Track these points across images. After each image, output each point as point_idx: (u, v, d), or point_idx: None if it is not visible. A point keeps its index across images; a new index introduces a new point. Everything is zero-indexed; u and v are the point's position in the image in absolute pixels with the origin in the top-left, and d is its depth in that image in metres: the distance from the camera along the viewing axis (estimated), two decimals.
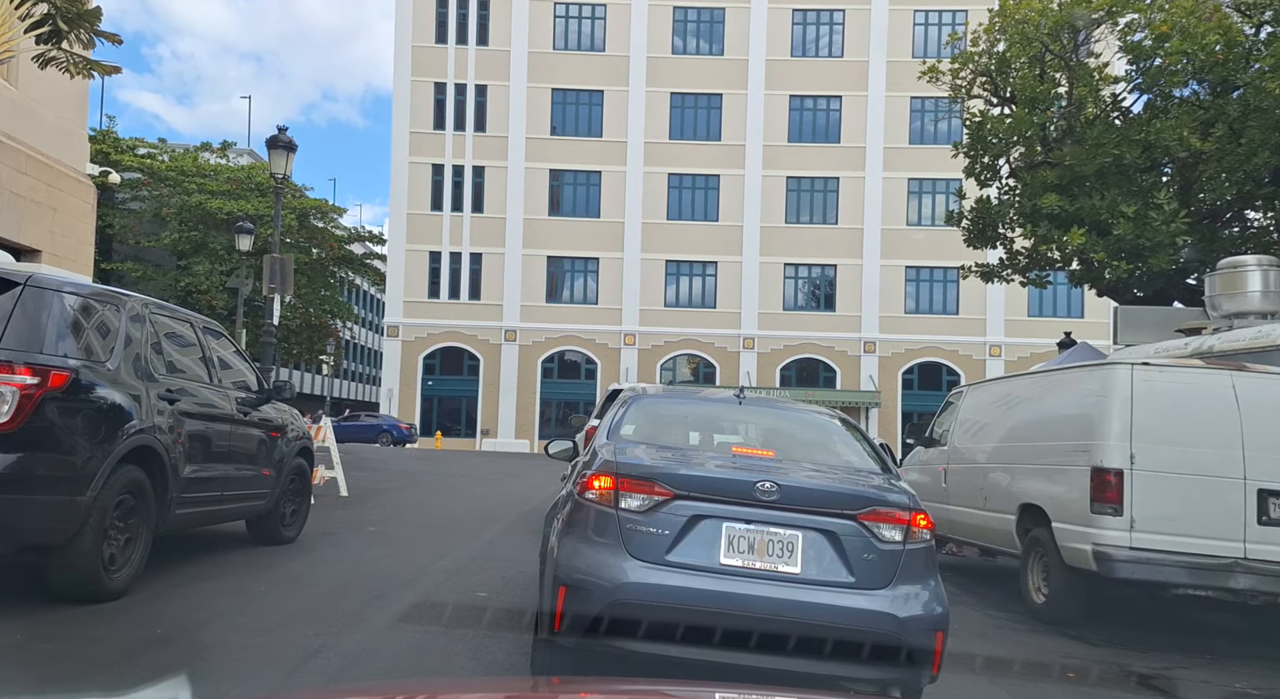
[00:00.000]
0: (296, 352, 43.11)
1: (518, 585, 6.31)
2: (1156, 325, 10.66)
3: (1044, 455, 7.18)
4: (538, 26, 38.69)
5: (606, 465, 3.80)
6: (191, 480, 5.55)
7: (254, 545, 7.04)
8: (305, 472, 7.57)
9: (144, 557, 5.11)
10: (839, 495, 3.82)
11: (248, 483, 6.44)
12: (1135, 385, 6.41)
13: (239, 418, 6.30)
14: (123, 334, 5.05)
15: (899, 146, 38.07)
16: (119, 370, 4.95)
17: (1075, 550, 6.53)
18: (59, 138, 14.09)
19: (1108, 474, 6.33)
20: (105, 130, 39.49)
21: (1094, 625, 6.68)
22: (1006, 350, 37.30)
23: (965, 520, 8.53)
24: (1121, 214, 11.40)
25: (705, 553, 3.60)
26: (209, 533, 6.99)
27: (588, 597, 3.53)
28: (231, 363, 6.65)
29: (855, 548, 3.66)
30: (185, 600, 5.20)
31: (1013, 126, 12.53)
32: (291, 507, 7.35)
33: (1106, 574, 6.29)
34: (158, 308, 5.64)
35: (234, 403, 6.29)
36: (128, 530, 4.94)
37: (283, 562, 6.59)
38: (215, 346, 6.34)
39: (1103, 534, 6.31)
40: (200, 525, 6.16)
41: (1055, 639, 6.36)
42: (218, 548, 6.77)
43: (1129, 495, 6.27)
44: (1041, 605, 7.00)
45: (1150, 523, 6.23)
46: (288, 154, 13.16)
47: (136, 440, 4.94)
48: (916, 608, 3.65)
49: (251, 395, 6.67)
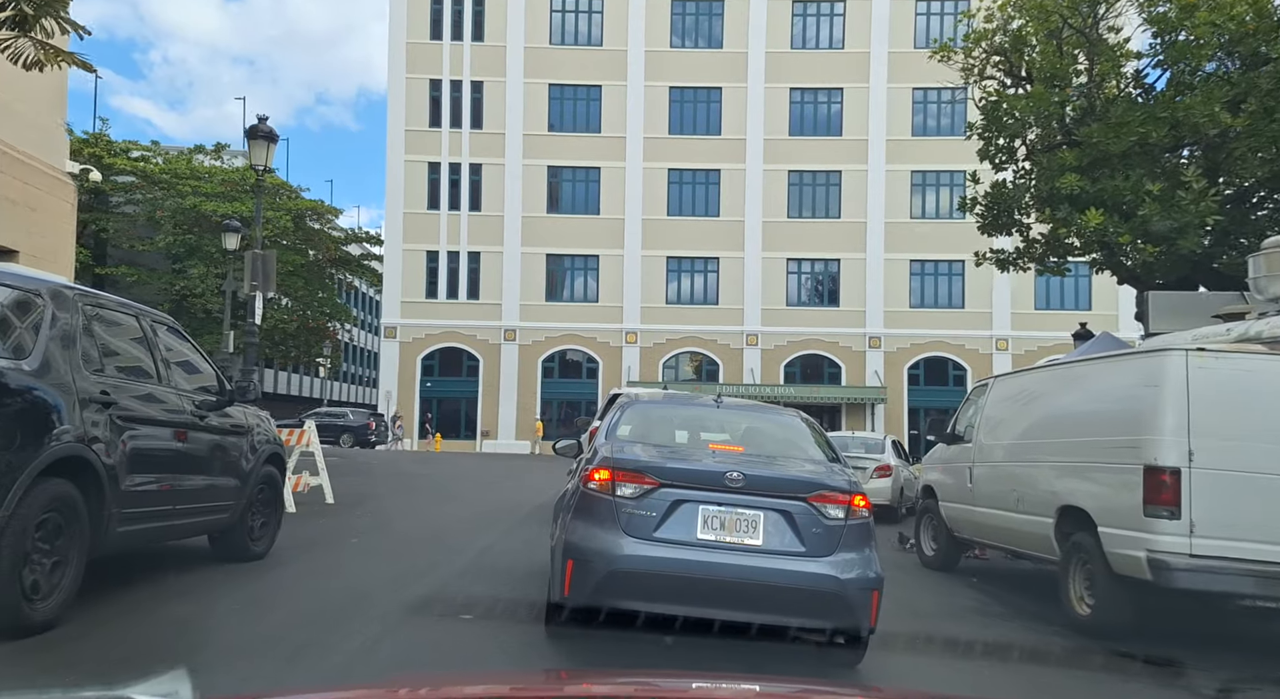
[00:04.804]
0: (295, 354, 42.58)
1: (509, 605, 5.67)
2: (1191, 311, 9.99)
3: (1086, 453, 6.54)
4: (534, 21, 38.08)
5: (605, 461, 4.57)
6: (136, 494, 4.91)
7: (218, 562, 6.39)
8: (276, 480, 6.93)
9: (76, 582, 4.47)
10: (792, 481, 4.60)
11: (206, 494, 5.81)
12: (1191, 373, 5.77)
13: (195, 422, 5.67)
14: (46, 328, 4.42)
15: (902, 139, 37.42)
16: (41, 369, 4.32)
17: (1126, 558, 5.89)
18: (35, 134, 13.50)
19: (1163, 473, 5.69)
20: (98, 133, 38.99)
21: (1146, 640, 6.03)
22: (1014, 344, 36.64)
23: (995, 523, 7.89)
24: (1148, 194, 10.75)
25: (685, 530, 4.37)
26: (168, 550, 6.36)
27: (591, 567, 4.29)
28: (187, 362, 6.02)
29: (806, 524, 4.42)
30: (122, 631, 4.56)
31: (1031, 105, 11.87)
32: (260, 519, 6.71)
33: (1164, 585, 5.65)
34: (93, 299, 5.00)
35: (189, 406, 5.65)
36: (55, 553, 4.31)
37: (246, 581, 5.96)
38: (167, 343, 5.69)
39: (1158, 540, 5.67)
40: (150, 544, 5.52)
41: (1106, 656, 5.72)
42: (174, 567, 6.13)
43: (1187, 496, 5.64)
44: (1086, 617, 6.36)
45: (1211, 527, 5.60)
46: (268, 144, 12.54)
47: (63, 450, 4.31)
48: (855, 571, 4.39)
49: (211, 398, 6.03)
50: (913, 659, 5.23)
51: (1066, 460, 6.82)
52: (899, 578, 8.07)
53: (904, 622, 6.14)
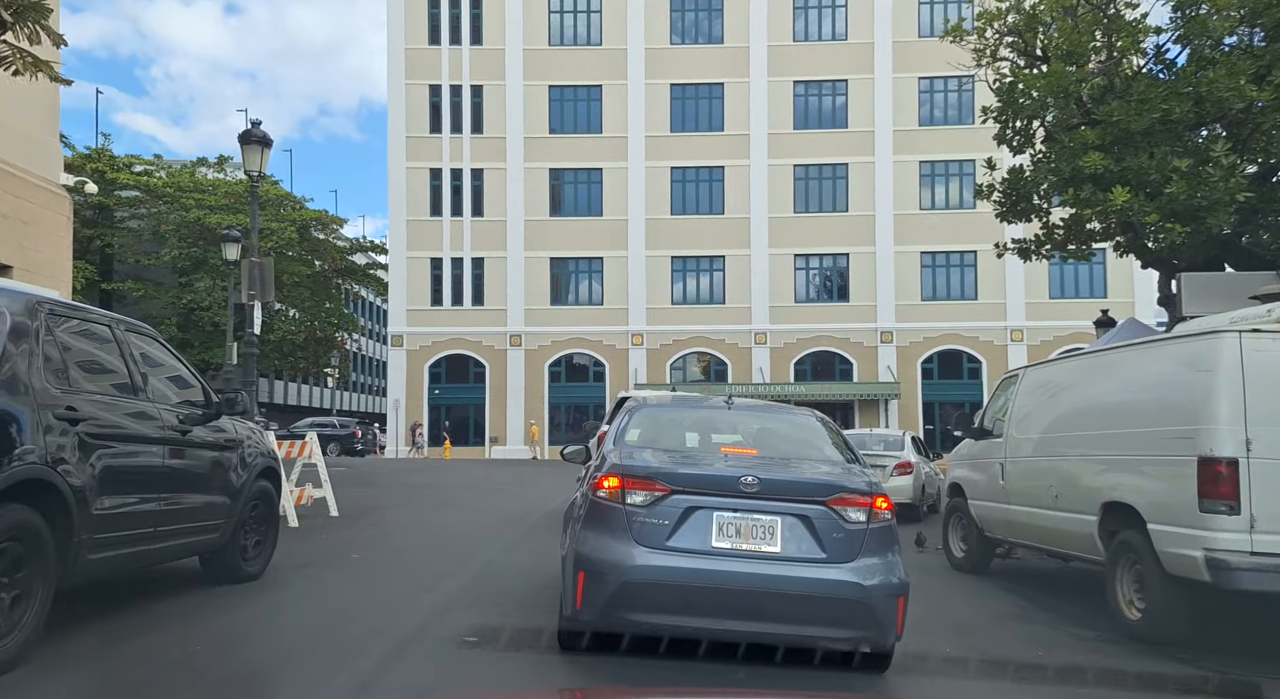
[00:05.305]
0: (303, 365, 42.36)
1: (515, 624, 5.28)
2: (1225, 293, 9.56)
3: (1131, 445, 6.10)
4: (532, 23, 37.77)
5: (614, 468, 4.36)
6: (110, 517, 4.54)
7: (210, 585, 6.02)
8: (270, 496, 6.56)
9: (41, 617, 4.10)
10: (810, 485, 4.38)
11: (192, 514, 5.44)
12: (1246, 357, 5.34)
13: (177, 437, 5.29)
14: (3, 339, 4.05)
15: (909, 129, 36.92)
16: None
17: (1180, 557, 5.46)
18: (27, 147, 13.23)
19: (1219, 464, 5.26)
20: (100, 148, 38.87)
21: (1206, 646, 5.59)
22: (1029, 334, 36.09)
23: (1030, 522, 7.45)
24: (1175, 171, 10.28)
25: (699, 538, 4.17)
26: (157, 572, 5.99)
27: (603, 579, 4.10)
28: (169, 373, 5.65)
29: (825, 528, 4.21)
30: (94, 668, 4.19)
31: (1049, 84, 11.41)
32: (254, 537, 6.34)
33: (1223, 586, 5.21)
34: (56, 306, 4.64)
35: (171, 420, 5.28)
36: (15, 586, 3.93)
37: (238, 605, 5.58)
38: (144, 354, 5.31)
39: (1216, 537, 5.23)
40: (130, 570, 5.14)
41: (1165, 663, 5.28)
42: (161, 591, 5.75)
43: (1246, 489, 5.20)
44: (1137, 622, 5.92)
45: (1274, 522, 5.16)
46: (263, 149, 12.20)
47: (23, 471, 3.94)
48: (879, 577, 4.17)
49: (197, 411, 5.66)
50: (963, 684, 4.80)
51: (1109, 453, 6.39)
52: (929, 582, 7.65)
53: (944, 635, 5.72)
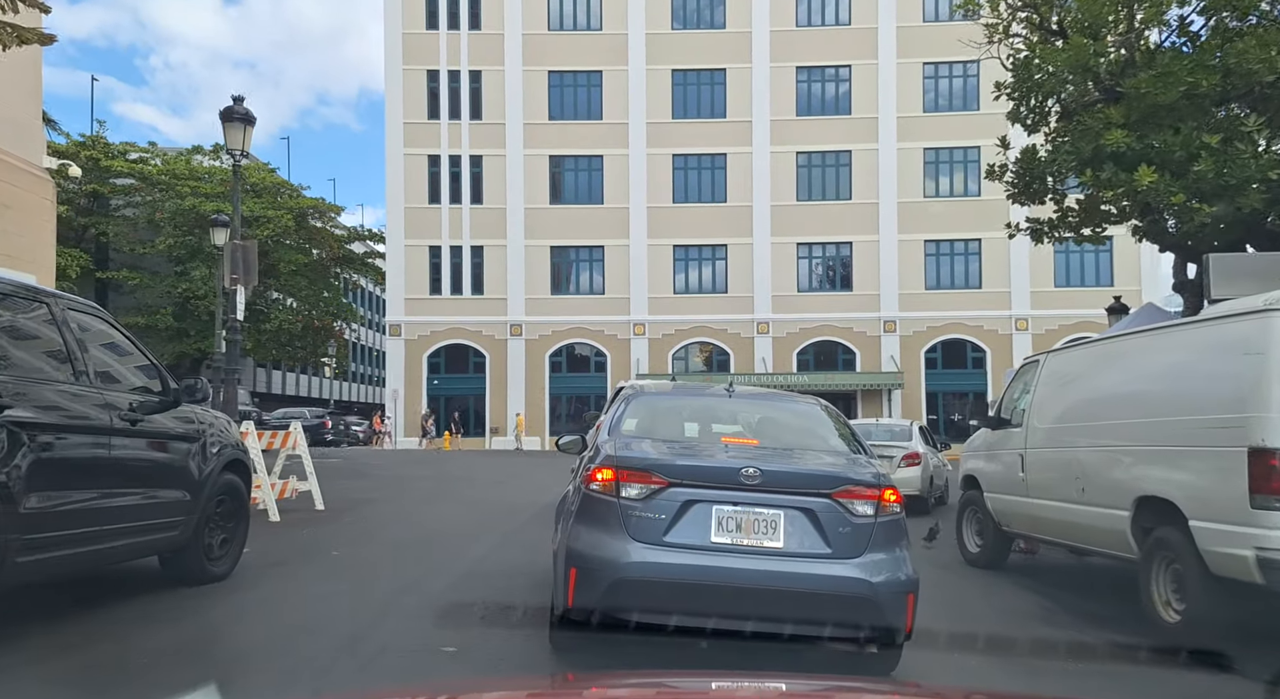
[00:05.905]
0: (301, 355, 41.91)
1: (503, 629, 4.83)
2: (1256, 274, 8.99)
3: (1169, 434, 5.62)
4: (531, 7, 37.15)
5: (608, 459, 4.15)
6: (43, 515, 4.09)
7: (170, 587, 5.56)
8: (238, 490, 6.09)
9: None
10: (815, 476, 4.17)
11: (145, 511, 4.97)
12: None
13: (127, 427, 4.83)
14: None
15: (913, 115, 36.32)
16: None
17: (1228, 557, 4.99)
18: (8, 129, 12.80)
19: (1273, 456, 4.78)
20: (95, 135, 38.33)
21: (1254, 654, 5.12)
22: (1034, 323, 35.60)
23: (1053, 516, 6.98)
24: (1203, 147, 9.77)
25: (698, 533, 3.97)
26: (114, 573, 5.54)
27: (596, 576, 3.90)
28: (120, 357, 5.18)
29: (831, 522, 4.01)
30: (22, 685, 3.74)
31: (1069, 58, 10.88)
32: (221, 535, 5.88)
33: (1277, 588, 4.75)
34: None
35: (118, 408, 4.82)
36: None
37: (199, 610, 5.12)
38: (89, 335, 4.84)
39: (1270, 536, 4.76)
40: (69, 573, 4.69)
41: (1211, 676, 4.82)
42: (115, 595, 5.29)
43: None
44: (1176, 625, 5.45)
45: None
46: (245, 127, 11.71)
47: None
48: (887, 574, 3.98)
49: (153, 398, 5.20)
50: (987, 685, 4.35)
51: (1142, 444, 5.91)
52: (943, 578, 7.22)
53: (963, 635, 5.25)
